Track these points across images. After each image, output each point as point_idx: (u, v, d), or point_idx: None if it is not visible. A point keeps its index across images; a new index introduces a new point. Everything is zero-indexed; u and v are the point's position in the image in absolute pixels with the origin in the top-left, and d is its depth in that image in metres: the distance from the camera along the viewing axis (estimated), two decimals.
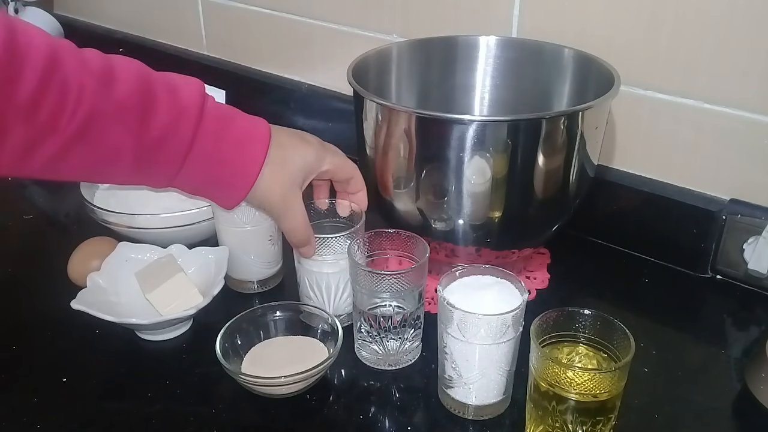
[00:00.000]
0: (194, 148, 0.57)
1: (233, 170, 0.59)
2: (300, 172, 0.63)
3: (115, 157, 0.55)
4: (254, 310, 0.66)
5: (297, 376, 0.59)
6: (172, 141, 0.56)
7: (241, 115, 0.61)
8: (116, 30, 1.40)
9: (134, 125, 0.54)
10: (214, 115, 0.58)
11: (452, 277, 0.59)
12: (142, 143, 0.55)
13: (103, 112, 0.52)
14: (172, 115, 0.55)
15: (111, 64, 0.55)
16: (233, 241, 0.74)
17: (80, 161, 0.54)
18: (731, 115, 0.73)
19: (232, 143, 0.59)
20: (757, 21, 0.68)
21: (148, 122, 0.54)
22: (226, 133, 0.58)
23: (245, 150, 0.59)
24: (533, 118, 0.62)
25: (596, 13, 0.77)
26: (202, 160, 0.58)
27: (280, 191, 0.62)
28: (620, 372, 0.51)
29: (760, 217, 0.72)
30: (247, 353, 0.65)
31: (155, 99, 0.55)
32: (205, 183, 0.60)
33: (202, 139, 0.57)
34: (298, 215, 0.64)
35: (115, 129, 0.53)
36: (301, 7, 1.06)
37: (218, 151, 0.58)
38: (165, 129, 0.55)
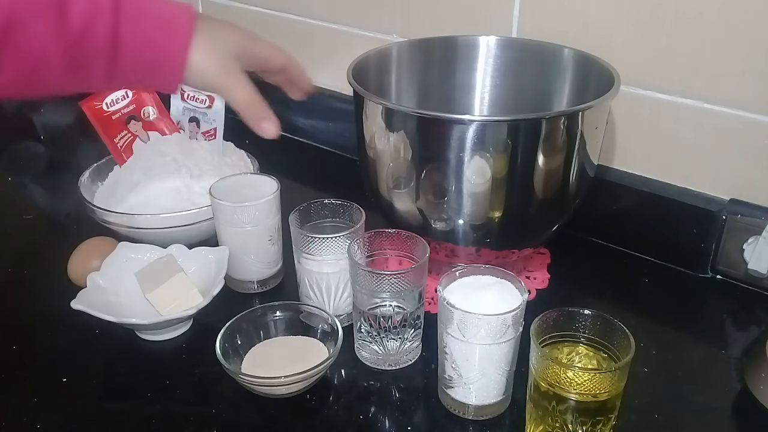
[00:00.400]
0: (120, 34, 0.56)
1: (164, 48, 0.59)
2: (234, 45, 0.62)
3: (44, 61, 0.55)
4: (254, 310, 0.66)
5: (297, 376, 0.59)
6: (95, 31, 0.55)
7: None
8: None
9: (53, 23, 0.54)
10: (131, 3, 0.57)
11: (452, 277, 0.59)
12: (66, 40, 0.54)
13: (19, 17, 0.52)
14: (87, 6, 0.55)
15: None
16: (233, 241, 0.74)
17: (10, 72, 0.54)
18: (731, 115, 0.73)
19: (157, 22, 0.58)
20: (756, 21, 0.68)
21: (65, 17, 0.54)
22: (148, 14, 0.58)
23: (172, 27, 0.59)
24: (533, 118, 0.62)
25: (596, 13, 0.77)
26: (131, 45, 0.57)
27: (217, 62, 0.61)
28: (620, 372, 0.51)
29: (760, 217, 0.72)
30: (247, 353, 0.65)
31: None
32: (141, 68, 0.59)
33: (124, 24, 0.57)
34: (246, 85, 0.62)
35: (34, 28, 0.53)
36: (301, 7, 1.06)
37: (144, 31, 0.58)
38: (83, 21, 0.55)
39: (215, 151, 0.89)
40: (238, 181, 0.77)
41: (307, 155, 1.10)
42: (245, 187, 0.76)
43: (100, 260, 0.73)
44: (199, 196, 0.81)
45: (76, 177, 0.85)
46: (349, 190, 0.76)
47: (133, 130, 0.90)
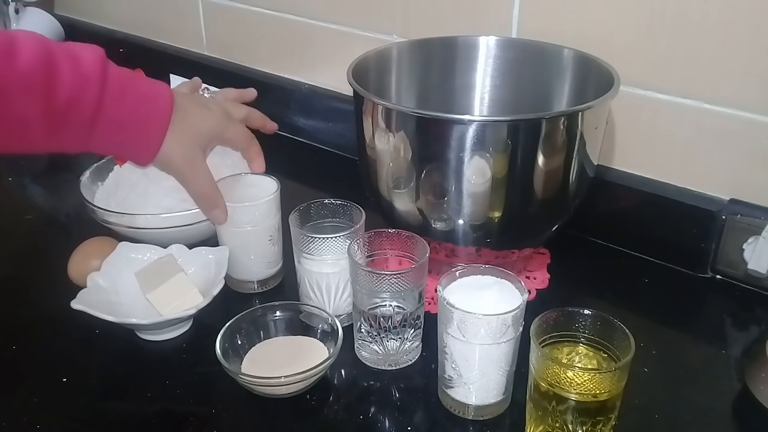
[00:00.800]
0: (101, 112, 0.59)
1: (140, 131, 0.63)
2: (203, 137, 0.67)
3: (24, 126, 0.57)
4: (254, 310, 0.66)
5: (297, 376, 0.59)
6: (78, 107, 0.58)
7: (144, 79, 0.64)
8: (116, 30, 1.40)
9: (39, 94, 0.56)
10: (117, 79, 0.60)
11: (452, 277, 0.59)
12: (50, 111, 0.57)
13: (6, 84, 0.54)
14: (76, 82, 0.57)
15: (11, 37, 0.56)
16: (233, 241, 0.74)
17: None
18: (731, 115, 0.73)
19: (137, 105, 0.62)
20: (757, 21, 0.68)
21: (52, 91, 0.56)
22: (130, 97, 0.61)
23: (150, 112, 0.63)
24: (533, 118, 0.62)
25: (596, 13, 0.77)
26: (110, 123, 0.60)
27: (184, 153, 0.65)
28: (620, 372, 0.51)
29: (760, 217, 0.72)
30: (247, 353, 0.65)
31: (58, 68, 0.57)
32: (116, 144, 0.63)
33: (107, 103, 0.59)
34: (204, 177, 0.67)
35: (20, 99, 0.55)
36: (301, 7, 1.06)
37: (124, 113, 0.61)
38: (70, 96, 0.57)
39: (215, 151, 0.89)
40: (238, 181, 0.77)
41: (307, 155, 1.10)
42: (246, 187, 0.76)
43: (100, 260, 0.73)
44: None
45: (76, 177, 0.85)
46: (349, 190, 0.76)
47: None
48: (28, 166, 1.11)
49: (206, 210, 0.70)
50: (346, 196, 0.72)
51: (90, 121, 0.59)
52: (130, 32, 1.37)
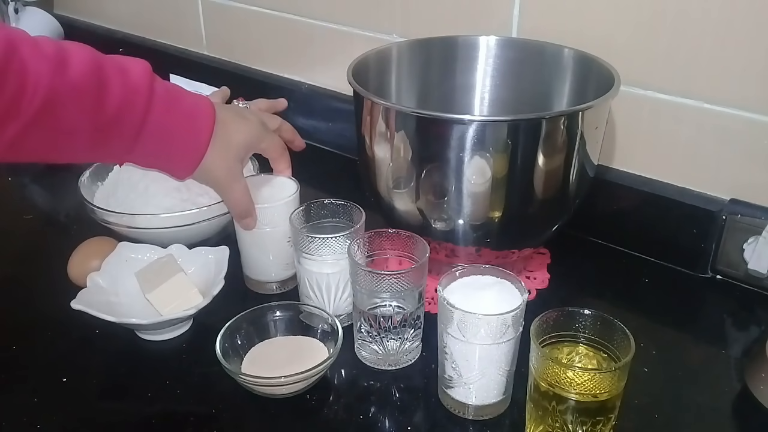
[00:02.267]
0: (146, 124, 0.59)
1: (183, 144, 0.63)
2: (242, 149, 0.68)
3: (72, 137, 0.57)
4: (254, 310, 0.66)
5: (297, 376, 0.59)
6: (125, 118, 0.58)
7: (187, 93, 0.65)
8: (116, 30, 1.40)
9: (89, 105, 0.56)
10: (163, 93, 0.61)
11: (452, 277, 0.59)
12: (98, 122, 0.57)
13: (59, 95, 0.54)
14: (124, 94, 0.58)
15: (64, 49, 0.56)
16: (252, 241, 0.74)
17: (40, 142, 0.56)
18: (731, 115, 0.73)
19: (181, 119, 0.62)
20: (757, 21, 0.68)
21: (102, 101, 0.56)
22: (175, 110, 0.62)
23: (193, 125, 0.63)
24: (533, 118, 0.62)
25: (596, 13, 0.77)
26: (154, 135, 0.60)
27: (224, 165, 0.66)
28: (620, 372, 0.51)
29: (760, 217, 0.72)
30: (247, 353, 0.65)
31: (108, 79, 0.57)
32: (158, 157, 0.64)
33: (153, 115, 0.60)
34: (242, 188, 0.68)
35: (71, 110, 0.55)
36: (301, 7, 1.06)
37: (169, 126, 0.61)
38: (119, 107, 0.57)
39: None
40: (257, 181, 0.77)
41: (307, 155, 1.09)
42: (265, 188, 0.75)
43: (100, 260, 0.73)
44: (199, 196, 0.81)
45: (76, 177, 0.85)
46: (349, 190, 0.76)
47: None
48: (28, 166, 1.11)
49: (239, 218, 0.71)
50: (346, 196, 0.72)
51: (135, 133, 0.59)
52: (130, 32, 1.37)
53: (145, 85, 0.59)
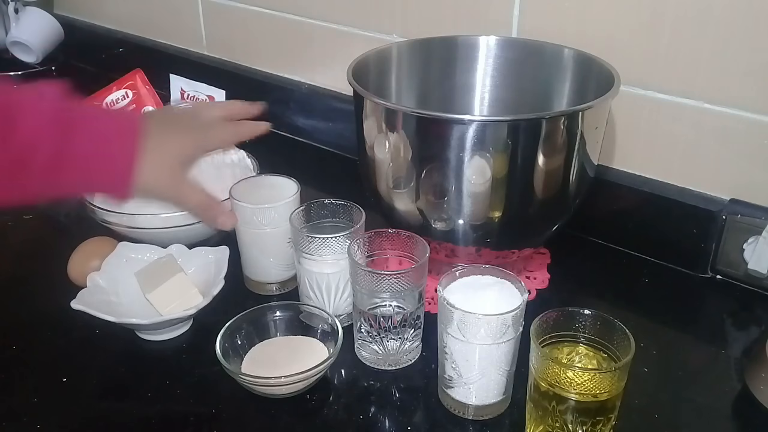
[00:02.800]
0: (64, 151, 0.56)
1: (110, 165, 0.59)
2: (182, 154, 0.64)
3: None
4: (254, 310, 0.66)
5: (297, 376, 0.59)
6: (38, 148, 0.55)
7: (109, 111, 0.63)
8: (116, 30, 1.40)
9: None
10: (79, 114, 0.58)
11: (452, 277, 0.59)
12: (7, 154, 0.54)
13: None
14: (35, 123, 0.55)
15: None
16: (252, 242, 0.74)
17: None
18: (731, 115, 0.73)
19: (103, 139, 0.58)
20: (757, 21, 0.68)
21: (12, 133, 0.54)
22: (94, 131, 0.58)
23: (117, 144, 0.59)
24: (533, 118, 0.62)
25: (596, 13, 0.77)
26: (76, 161, 0.57)
27: (165, 175, 0.62)
28: (620, 372, 0.51)
29: (760, 217, 0.72)
30: (247, 353, 0.65)
31: (16, 111, 0.54)
32: (88, 183, 0.61)
33: (70, 140, 0.56)
34: (193, 192, 0.65)
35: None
36: (301, 7, 1.06)
37: (89, 149, 0.58)
38: (30, 138, 0.54)
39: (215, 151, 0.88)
40: (257, 182, 0.77)
41: (307, 155, 1.10)
42: (265, 189, 0.75)
43: (100, 260, 0.73)
44: None
45: None
46: (349, 190, 0.76)
47: None
48: None
49: (210, 221, 0.68)
50: (346, 196, 0.72)
51: (53, 162, 0.55)
52: (130, 32, 1.37)
53: (56, 110, 0.56)
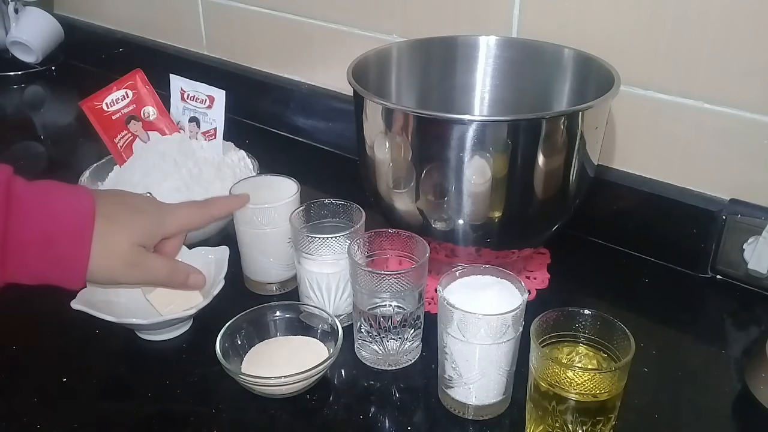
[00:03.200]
0: (8, 238, 0.51)
1: (62, 250, 0.53)
2: (139, 236, 0.58)
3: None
4: (254, 310, 0.66)
5: (297, 376, 0.59)
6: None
7: (61, 190, 0.55)
8: (116, 30, 1.40)
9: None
10: (25, 198, 0.52)
11: (452, 277, 0.59)
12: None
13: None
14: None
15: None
16: (252, 242, 0.74)
17: None
18: (731, 115, 0.73)
19: (52, 224, 0.53)
20: (757, 21, 0.68)
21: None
22: (41, 215, 0.53)
23: (68, 227, 0.54)
24: (533, 118, 0.62)
25: (596, 13, 0.77)
26: (22, 248, 0.52)
27: (122, 259, 0.56)
28: (620, 372, 0.51)
29: (760, 217, 0.72)
30: (247, 353, 0.65)
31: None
32: (39, 271, 0.54)
33: (14, 225, 0.51)
34: (156, 264, 0.59)
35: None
36: (301, 7, 1.06)
37: (37, 234, 0.52)
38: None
39: (215, 151, 0.89)
40: (258, 182, 0.77)
41: (307, 155, 1.10)
42: (265, 189, 0.75)
43: None
44: (199, 197, 0.81)
45: (76, 177, 0.85)
46: (349, 190, 0.76)
47: (133, 130, 0.90)
48: (28, 166, 1.11)
49: (182, 285, 0.62)
50: (346, 196, 0.72)
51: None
52: (130, 32, 1.37)
53: None
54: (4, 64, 1.43)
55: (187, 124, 0.91)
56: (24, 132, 1.22)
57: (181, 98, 0.91)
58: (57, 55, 1.47)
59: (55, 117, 1.33)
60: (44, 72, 1.45)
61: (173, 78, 0.91)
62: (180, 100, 0.91)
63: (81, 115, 0.89)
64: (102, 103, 0.88)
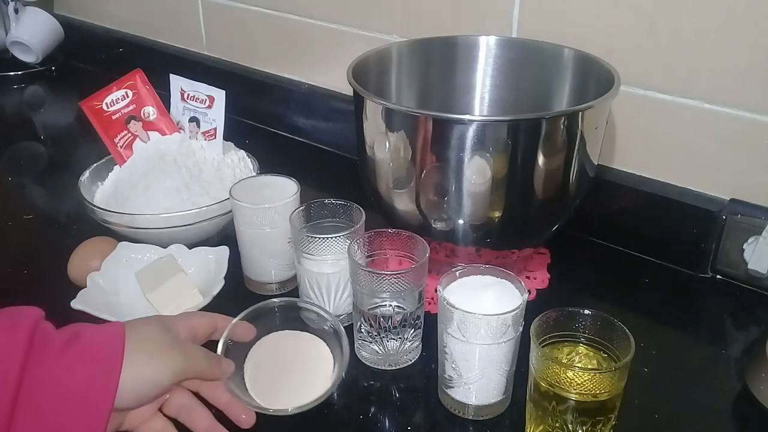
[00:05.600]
0: (16, 413, 0.45)
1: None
2: (164, 388, 0.52)
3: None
4: (256, 309, 0.65)
5: (305, 406, 0.56)
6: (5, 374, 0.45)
7: (90, 332, 0.51)
8: (116, 30, 1.40)
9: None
10: (50, 342, 0.48)
11: (452, 277, 0.59)
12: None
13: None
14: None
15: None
16: (252, 242, 0.74)
17: None
18: (731, 115, 0.73)
19: (70, 402, 0.47)
20: (757, 21, 0.68)
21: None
22: (59, 391, 0.47)
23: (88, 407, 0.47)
24: (533, 118, 0.62)
25: (597, 13, 0.77)
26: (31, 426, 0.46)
27: (166, 370, 0.51)
28: (620, 372, 0.51)
29: (760, 217, 0.72)
30: (250, 351, 0.61)
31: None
32: (52, 426, 0.47)
33: (26, 400, 0.46)
34: (197, 358, 0.54)
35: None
36: (301, 7, 1.06)
37: (49, 416, 0.46)
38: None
39: (215, 151, 0.89)
40: (258, 182, 0.77)
41: (307, 155, 1.10)
42: (265, 189, 0.75)
43: (100, 260, 0.73)
44: (199, 196, 0.81)
45: (76, 177, 0.85)
46: (349, 190, 0.76)
47: (133, 130, 0.90)
48: (28, 166, 1.11)
49: (213, 377, 0.56)
50: (346, 196, 0.72)
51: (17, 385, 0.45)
52: (130, 32, 1.37)
53: (17, 346, 0.46)
54: (4, 64, 1.43)
55: (187, 124, 0.91)
56: (24, 132, 1.22)
57: (181, 98, 0.91)
58: (57, 55, 1.47)
59: (55, 117, 1.33)
60: (44, 72, 1.45)
61: (173, 78, 0.91)
62: (180, 100, 0.91)
63: (81, 115, 0.89)
64: (102, 103, 0.88)
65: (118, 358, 0.49)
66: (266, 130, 1.17)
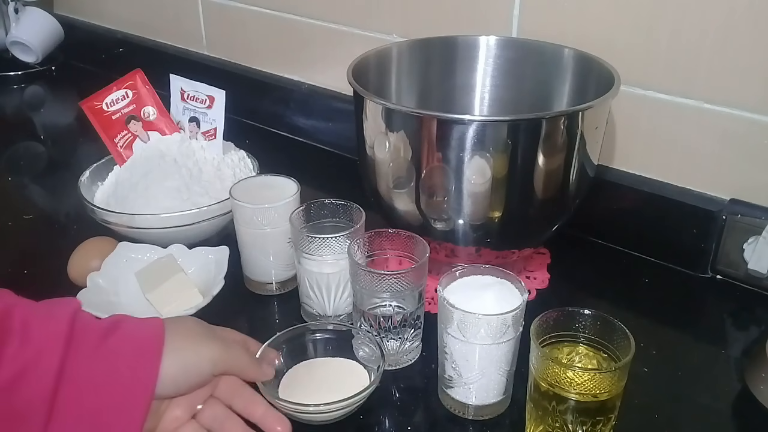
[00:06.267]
0: (58, 397, 0.46)
1: (125, 384, 0.48)
2: (205, 368, 0.52)
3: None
4: (293, 330, 0.63)
5: (337, 404, 0.56)
6: (28, 386, 0.45)
7: (128, 322, 0.51)
8: (116, 30, 1.40)
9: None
10: (91, 332, 0.49)
11: (452, 277, 0.59)
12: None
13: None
14: (24, 355, 0.46)
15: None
16: (252, 242, 0.74)
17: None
18: (731, 115, 0.73)
19: (111, 387, 0.48)
20: (757, 21, 0.68)
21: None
22: (100, 377, 0.47)
23: (127, 395, 0.48)
24: (533, 118, 0.62)
25: (596, 14, 0.77)
26: (72, 412, 0.46)
27: (206, 357, 0.51)
28: (620, 372, 0.51)
29: (760, 217, 0.72)
30: (285, 374, 0.61)
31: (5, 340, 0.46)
32: (92, 413, 0.47)
33: (69, 384, 0.46)
34: (237, 351, 0.54)
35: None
36: (301, 7, 1.06)
37: (91, 401, 0.47)
38: (17, 371, 0.45)
39: (215, 151, 0.89)
40: (258, 182, 0.77)
41: (307, 155, 1.10)
42: (265, 189, 0.75)
43: (100, 260, 0.73)
44: (199, 196, 0.81)
45: (76, 177, 0.85)
46: (349, 190, 0.76)
47: (133, 130, 0.90)
48: (28, 166, 1.11)
49: (255, 378, 0.57)
50: (346, 196, 0.72)
51: (42, 410, 0.45)
52: (130, 32, 1.37)
53: (56, 337, 0.47)
54: (4, 64, 1.43)
55: (187, 124, 0.91)
56: (24, 132, 1.22)
57: (181, 98, 0.91)
58: (57, 55, 1.47)
59: (55, 117, 1.33)
60: (44, 72, 1.45)
61: (173, 78, 0.91)
62: (180, 100, 0.91)
63: (81, 115, 0.89)
64: (102, 103, 0.88)
65: (159, 344, 0.49)
66: (266, 130, 1.17)
